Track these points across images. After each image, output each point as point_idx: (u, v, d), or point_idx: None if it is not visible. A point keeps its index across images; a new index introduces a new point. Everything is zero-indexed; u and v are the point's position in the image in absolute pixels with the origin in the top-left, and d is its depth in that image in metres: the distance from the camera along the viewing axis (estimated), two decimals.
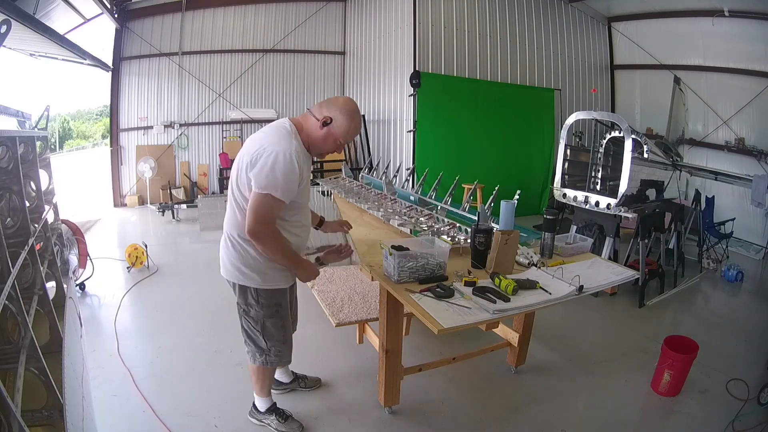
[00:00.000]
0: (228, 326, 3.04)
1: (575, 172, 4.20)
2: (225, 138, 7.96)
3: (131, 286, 3.77)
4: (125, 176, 7.59)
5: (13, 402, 0.87)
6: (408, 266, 1.70)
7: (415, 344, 2.69)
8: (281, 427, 1.95)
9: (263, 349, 1.77)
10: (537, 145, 7.17)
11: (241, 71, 7.95)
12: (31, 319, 1.27)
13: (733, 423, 2.09)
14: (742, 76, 5.99)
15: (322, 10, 8.26)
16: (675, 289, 3.97)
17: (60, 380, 1.24)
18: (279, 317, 1.74)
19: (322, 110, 1.58)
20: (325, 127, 1.57)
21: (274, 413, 1.98)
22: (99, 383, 2.29)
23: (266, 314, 1.70)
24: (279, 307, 1.72)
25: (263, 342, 1.76)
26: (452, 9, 6.41)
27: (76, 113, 26.46)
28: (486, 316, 1.50)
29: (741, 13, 5.74)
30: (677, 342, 2.37)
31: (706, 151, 6.42)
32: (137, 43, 7.31)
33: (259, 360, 1.80)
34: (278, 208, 1.50)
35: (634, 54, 7.63)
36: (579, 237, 2.29)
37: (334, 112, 1.56)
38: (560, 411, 2.21)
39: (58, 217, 2.62)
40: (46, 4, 4.71)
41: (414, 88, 6.07)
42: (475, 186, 3.48)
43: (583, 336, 3.09)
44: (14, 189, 1.63)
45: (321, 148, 1.62)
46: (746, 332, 3.20)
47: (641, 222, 3.59)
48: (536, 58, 7.31)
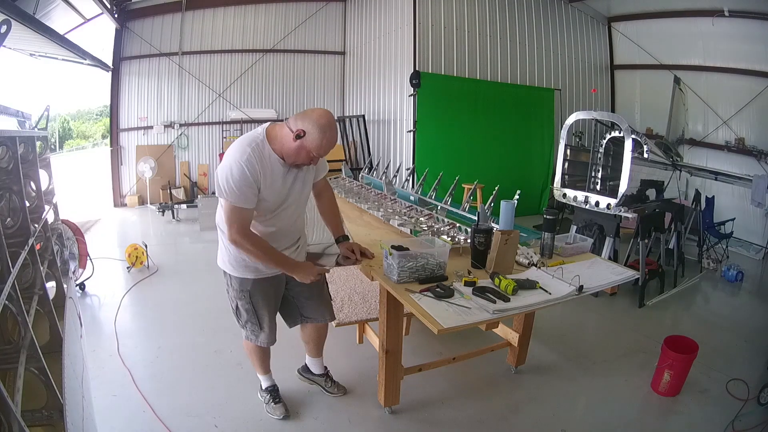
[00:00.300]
0: (228, 326, 3.04)
1: (575, 172, 4.20)
2: (225, 138, 7.96)
3: (131, 286, 3.77)
4: (125, 176, 7.59)
5: (13, 402, 0.87)
6: (408, 266, 1.70)
7: (415, 344, 2.69)
8: (267, 407, 2.12)
9: (240, 325, 1.96)
10: (537, 145, 7.17)
11: (241, 71, 7.95)
12: (31, 319, 1.27)
13: (733, 423, 2.09)
14: (742, 76, 5.99)
15: (322, 10, 8.26)
16: (675, 289, 3.97)
17: (60, 380, 1.24)
18: (247, 302, 1.85)
19: (297, 122, 1.57)
20: (298, 140, 1.56)
21: (268, 393, 2.14)
22: (99, 383, 2.29)
23: (236, 296, 1.86)
24: (247, 293, 1.83)
25: (237, 320, 1.96)
26: (452, 9, 6.41)
27: (76, 113, 26.48)
28: (486, 316, 1.50)
29: (741, 13, 5.74)
30: (677, 342, 2.37)
31: (706, 151, 6.42)
32: (137, 43, 7.31)
33: (244, 334, 1.98)
34: (246, 213, 1.59)
35: (634, 54, 7.63)
36: (579, 237, 2.29)
37: (308, 125, 1.55)
38: (560, 411, 2.21)
39: (58, 217, 2.62)
40: (46, 4, 4.71)
41: (414, 88, 6.07)
42: (475, 186, 3.48)
43: (583, 336, 3.09)
44: (14, 189, 1.62)
45: (294, 160, 1.62)
46: (746, 332, 3.20)
47: (641, 222, 3.59)
48: (536, 58, 7.31)
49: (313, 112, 1.59)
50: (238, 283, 1.82)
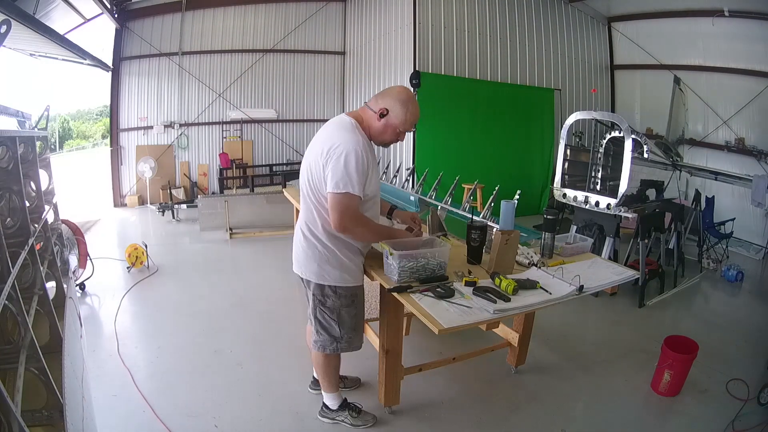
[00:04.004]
0: (228, 326, 3.05)
1: (575, 172, 4.20)
2: (225, 138, 7.96)
3: (131, 286, 3.77)
4: (125, 176, 7.58)
5: (13, 402, 0.87)
6: (408, 266, 1.69)
7: (415, 344, 2.69)
8: (356, 421, 2.00)
9: (336, 338, 1.83)
10: (537, 145, 7.17)
11: (241, 71, 7.95)
12: (31, 319, 1.27)
13: (733, 423, 2.09)
14: (742, 76, 5.98)
15: (322, 10, 8.26)
16: (675, 289, 3.97)
17: (60, 380, 1.23)
18: (354, 306, 1.81)
19: (378, 102, 1.61)
20: (382, 119, 1.60)
21: (346, 409, 2.02)
22: (99, 383, 2.29)
23: (343, 304, 1.77)
24: (355, 297, 1.80)
25: (337, 330, 1.81)
26: (452, 9, 6.41)
27: (76, 113, 26.43)
28: (486, 316, 1.50)
29: (741, 13, 5.74)
30: (677, 342, 2.37)
31: (706, 151, 6.42)
32: (137, 43, 7.31)
33: (329, 348, 1.84)
34: (357, 201, 1.57)
35: (634, 54, 7.63)
36: (579, 237, 2.29)
37: (390, 103, 1.59)
38: (560, 411, 2.21)
39: (58, 217, 2.62)
40: (46, 4, 4.71)
41: (414, 88, 6.07)
42: (475, 186, 3.49)
43: (583, 336, 3.09)
44: (14, 189, 1.62)
45: (382, 139, 1.66)
46: (746, 332, 3.20)
47: (641, 222, 3.59)
48: (536, 58, 7.31)
49: (392, 90, 1.61)
50: (348, 291, 1.77)
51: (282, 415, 2.12)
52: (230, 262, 4.55)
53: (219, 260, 4.56)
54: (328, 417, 2.05)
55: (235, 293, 3.64)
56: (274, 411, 2.15)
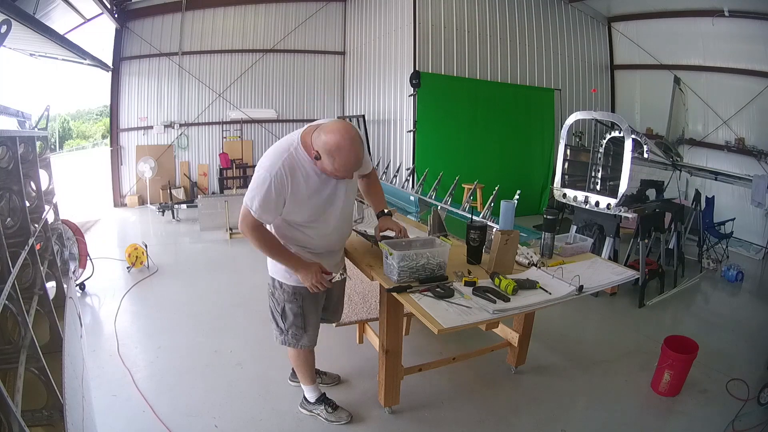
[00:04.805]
0: (228, 326, 3.05)
1: (575, 172, 4.20)
2: (225, 138, 7.96)
3: (131, 286, 3.77)
4: (125, 176, 7.58)
5: (13, 402, 0.87)
6: (408, 266, 1.69)
7: (415, 344, 2.69)
8: (330, 417, 2.04)
9: (281, 329, 1.89)
10: (537, 145, 7.17)
11: (241, 71, 7.95)
12: (31, 319, 1.27)
13: (733, 423, 2.09)
14: (742, 76, 5.99)
15: (322, 10, 8.26)
16: (675, 289, 3.97)
17: (60, 380, 1.24)
18: (297, 306, 1.83)
19: (316, 140, 1.51)
20: (317, 161, 1.54)
21: (323, 403, 2.07)
22: (99, 383, 2.29)
23: (287, 299, 1.82)
24: (300, 297, 1.81)
25: (282, 323, 1.88)
26: (452, 9, 6.41)
27: (76, 113, 26.42)
28: (486, 316, 1.50)
29: (741, 13, 5.74)
30: (677, 342, 2.37)
31: (706, 151, 6.42)
32: (137, 43, 7.31)
33: (279, 339, 1.92)
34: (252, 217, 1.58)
35: (634, 54, 7.63)
36: (579, 237, 2.29)
37: (320, 147, 1.49)
38: (560, 411, 2.21)
39: (58, 217, 2.62)
40: (46, 4, 4.71)
41: (414, 88, 6.07)
42: (475, 186, 3.49)
43: (583, 336, 3.09)
44: (14, 189, 1.63)
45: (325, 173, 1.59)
46: (746, 332, 3.20)
47: (641, 222, 3.59)
48: (536, 58, 7.31)
49: (327, 133, 1.48)
50: (291, 289, 1.80)
51: (282, 415, 2.12)
52: (230, 262, 4.54)
53: (219, 260, 4.56)
54: (306, 409, 2.10)
55: (235, 293, 3.64)
56: (274, 411, 2.15)
